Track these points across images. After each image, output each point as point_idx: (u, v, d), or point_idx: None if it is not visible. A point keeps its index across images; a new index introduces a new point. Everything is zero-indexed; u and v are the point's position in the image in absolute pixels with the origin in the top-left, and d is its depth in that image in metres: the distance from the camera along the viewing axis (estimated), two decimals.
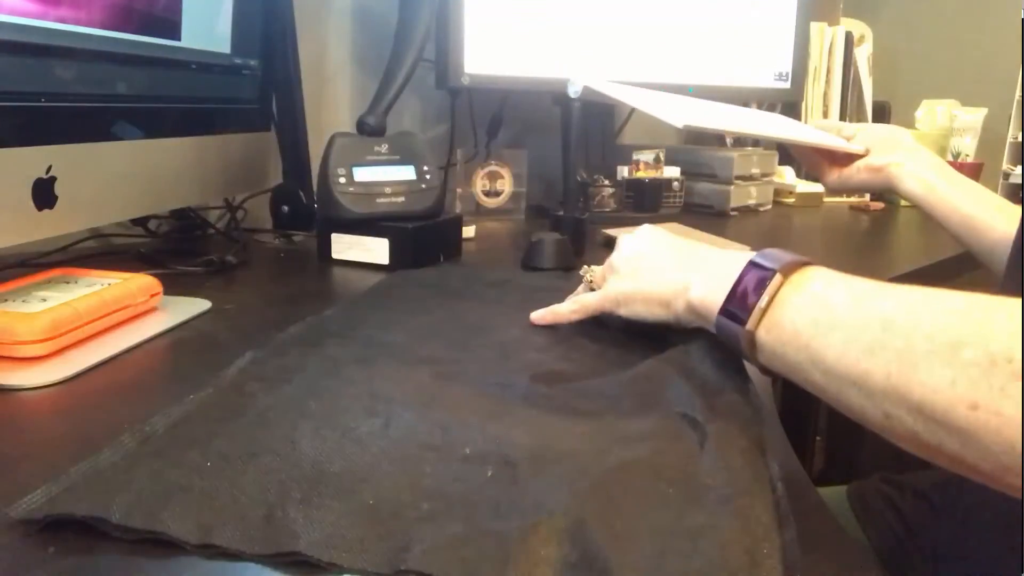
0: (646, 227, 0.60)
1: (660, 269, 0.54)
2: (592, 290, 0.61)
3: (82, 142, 0.64)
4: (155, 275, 0.64)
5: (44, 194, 0.60)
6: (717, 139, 1.57)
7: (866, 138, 0.83)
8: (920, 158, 0.79)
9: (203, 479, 0.34)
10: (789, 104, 1.51)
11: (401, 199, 0.84)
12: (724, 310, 0.45)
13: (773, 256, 0.44)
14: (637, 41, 1.16)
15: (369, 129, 0.86)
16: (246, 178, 0.94)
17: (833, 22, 1.53)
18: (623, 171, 1.29)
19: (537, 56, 1.11)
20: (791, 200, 1.46)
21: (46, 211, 0.61)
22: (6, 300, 0.55)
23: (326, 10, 1.17)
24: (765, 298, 0.42)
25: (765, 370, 0.44)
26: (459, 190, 1.18)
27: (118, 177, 0.70)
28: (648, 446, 0.39)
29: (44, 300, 0.55)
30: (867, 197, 1.55)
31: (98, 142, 0.67)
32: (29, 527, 0.32)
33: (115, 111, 0.68)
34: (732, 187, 1.29)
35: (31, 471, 0.37)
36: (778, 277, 0.42)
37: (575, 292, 0.64)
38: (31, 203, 0.59)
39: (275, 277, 0.84)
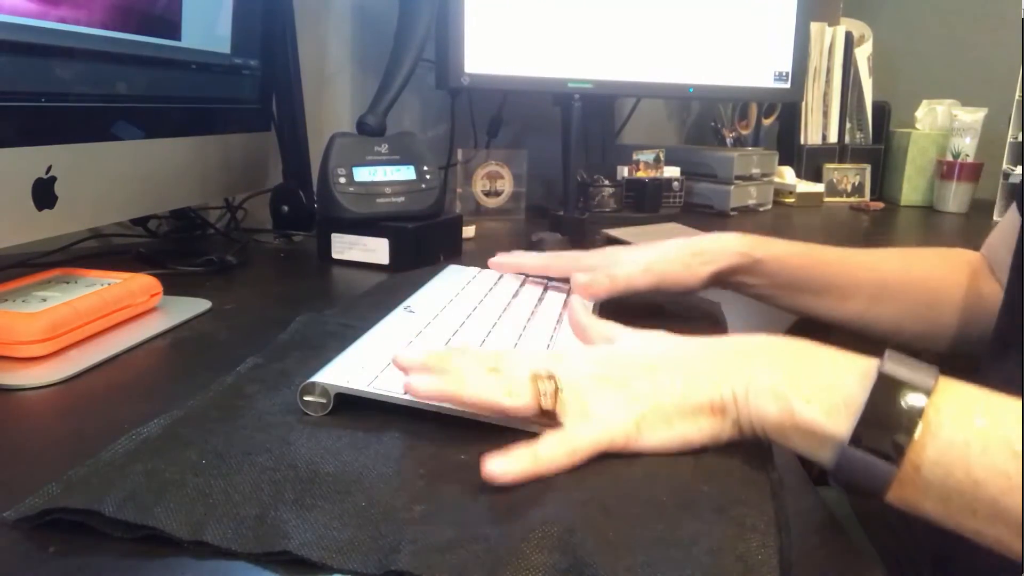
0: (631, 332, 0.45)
1: (686, 364, 0.40)
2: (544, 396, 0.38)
3: (82, 142, 0.64)
4: (155, 275, 0.64)
5: (44, 194, 0.60)
6: (717, 139, 1.57)
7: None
8: None
9: (197, 476, 0.34)
10: (789, 104, 1.51)
11: (401, 199, 0.84)
12: (857, 438, 0.33)
13: (914, 376, 0.34)
14: (637, 41, 1.16)
15: (369, 129, 0.86)
16: (246, 178, 0.94)
17: (833, 22, 1.53)
18: (623, 171, 1.29)
19: (537, 56, 1.11)
20: (791, 200, 1.46)
21: (46, 211, 0.61)
22: (6, 300, 0.55)
23: (326, 10, 1.17)
24: (918, 431, 0.32)
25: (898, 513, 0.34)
26: (459, 190, 1.18)
27: (118, 177, 0.70)
28: (646, 457, 0.39)
29: (44, 300, 0.55)
30: (867, 197, 1.56)
31: (98, 142, 0.67)
32: (28, 526, 0.32)
33: (115, 111, 0.68)
34: (732, 187, 1.29)
35: (31, 471, 0.37)
36: (930, 404, 0.33)
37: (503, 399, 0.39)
38: (31, 203, 0.59)
39: (275, 277, 0.84)
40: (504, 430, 0.41)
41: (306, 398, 0.42)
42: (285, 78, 0.95)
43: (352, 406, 0.42)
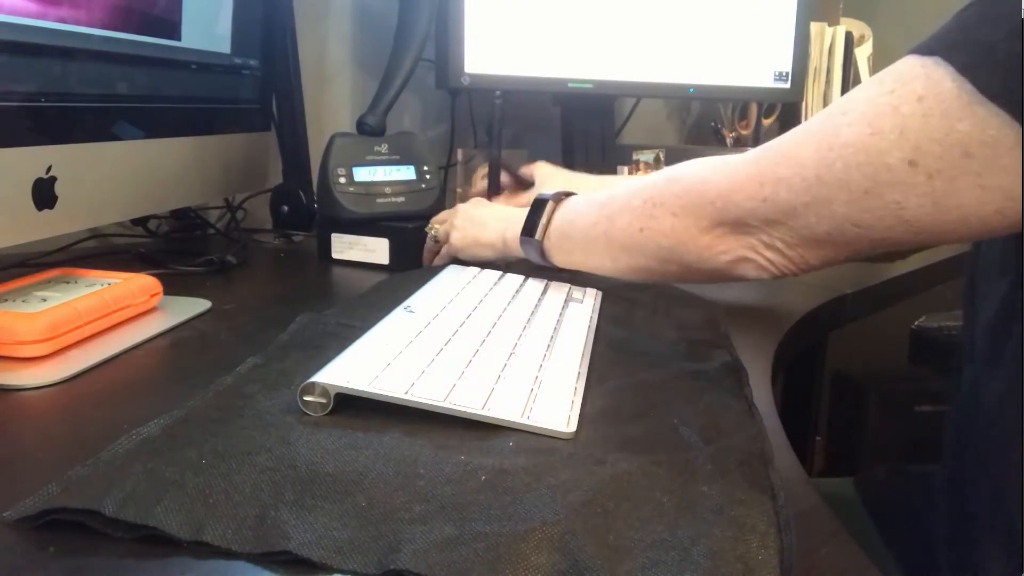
0: (473, 199, 0.82)
1: (484, 224, 0.75)
2: (436, 241, 0.80)
3: (82, 142, 0.64)
4: (155, 275, 0.64)
5: (44, 194, 0.60)
6: (717, 139, 1.57)
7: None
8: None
9: (197, 476, 0.34)
10: (789, 104, 1.51)
11: (401, 199, 0.84)
12: (523, 231, 0.66)
13: (549, 194, 0.66)
14: (637, 41, 1.16)
15: (369, 129, 0.86)
16: (246, 178, 0.94)
17: (833, 22, 1.53)
18: (623, 171, 1.29)
19: (537, 56, 1.11)
20: None
21: (46, 211, 0.61)
22: (6, 300, 0.55)
23: (326, 10, 1.17)
24: (544, 216, 0.65)
25: (558, 269, 0.67)
26: (459, 190, 1.18)
27: (118, 177, 0.70)
28: (646, 456, 0.39)
29: (44, 300, 0.55)
30: None
31: (98, 142, 0.67)
32: (28, 526, 0.32)
33: (115, 111, 0.68)
34: None
35: (31, 471, 0.38)
36: (551, 203, 0.65)
37: (427, 245, 0.82)
38: (31, 203, 0.59)
39: (275, 277, 0.84)
40: (503, 429, 0.41)
41: (306, 398, 0.42)
42: (285, 78, 0.95)
43: (352, 406, 0.42)
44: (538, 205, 0.66)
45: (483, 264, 0.74)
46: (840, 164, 0.44)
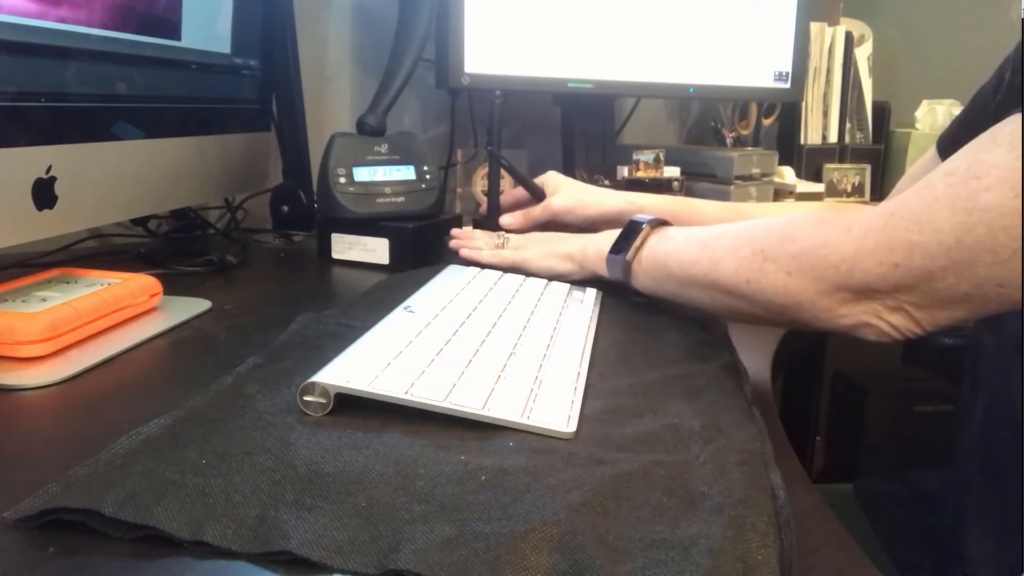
0: (552, 233, 0.83)
1: (566, 239, 0.77)
2: (502, 242, 0.80)
3: (82, 142, 0.64)
4: (155, 275, 0.64)
5: (44, 194, 0.60)
6: (717, 139, 1.57)
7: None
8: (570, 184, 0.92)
9: (197, 476, 0.34)
10: (789, 104, 1.51)
11: (401, 199, 0.84)
12: (613, 249, 0.66)
13: (645, 218, 0.66)
14: (637, 41, 1.16)
15: (369, 129, 0.86)
16: (246, 178, 0.94)
17: (833, 22, 1.53)
18: (623, 171, 1.29)
19: (537, 56, 1.11)
20: (791, 200, 1.46)
21: (46, 211, 0.61)
22: (6, 300, 0.55)
23: (326, 10, 1.17)
24: (638, 240, 0.64)
25: (638, 292, 0.66)
26: (459, 190, 1.18)
27: (118, 177, 0.70)
28: (646, 455, 0.39)
29: (44, 300, 0.55)
30: (867, 197, 1.55)
31: (98, 142, 0.67)
32: (28, 526, 0.32)
33: (115, 111, 0.68)
34: (732, 187, 1.29)
35: (31, 471, 0.38)
36: (647, 228, 0.65)
37: (483, 239, 0.82)
38: (31, 203, 0.59)
39: (275, 277, 0.84)
40: (503, 429, 0.41)
41: (306, 398, 0.42)
42: (285, 78, 0.95)
43: (352, 406, 0.42)
44: (633, 227, 0.66)
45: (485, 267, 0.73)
46: (982, 228, 0.43)
